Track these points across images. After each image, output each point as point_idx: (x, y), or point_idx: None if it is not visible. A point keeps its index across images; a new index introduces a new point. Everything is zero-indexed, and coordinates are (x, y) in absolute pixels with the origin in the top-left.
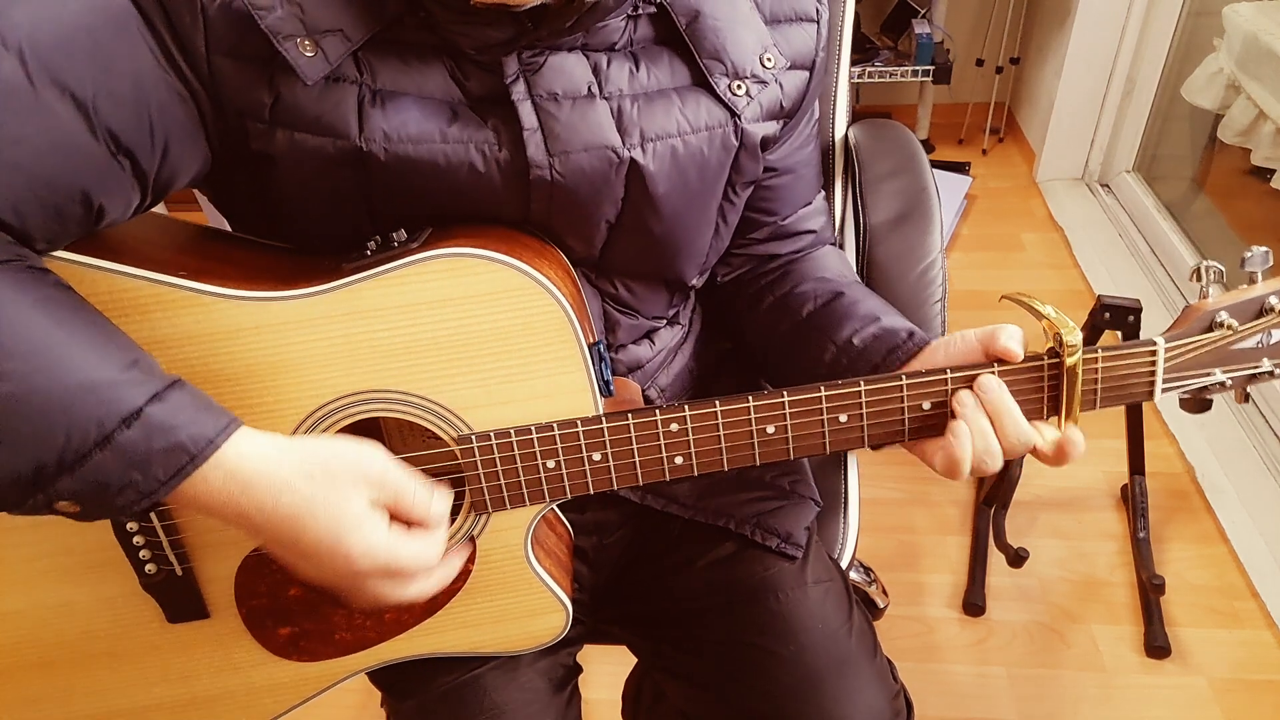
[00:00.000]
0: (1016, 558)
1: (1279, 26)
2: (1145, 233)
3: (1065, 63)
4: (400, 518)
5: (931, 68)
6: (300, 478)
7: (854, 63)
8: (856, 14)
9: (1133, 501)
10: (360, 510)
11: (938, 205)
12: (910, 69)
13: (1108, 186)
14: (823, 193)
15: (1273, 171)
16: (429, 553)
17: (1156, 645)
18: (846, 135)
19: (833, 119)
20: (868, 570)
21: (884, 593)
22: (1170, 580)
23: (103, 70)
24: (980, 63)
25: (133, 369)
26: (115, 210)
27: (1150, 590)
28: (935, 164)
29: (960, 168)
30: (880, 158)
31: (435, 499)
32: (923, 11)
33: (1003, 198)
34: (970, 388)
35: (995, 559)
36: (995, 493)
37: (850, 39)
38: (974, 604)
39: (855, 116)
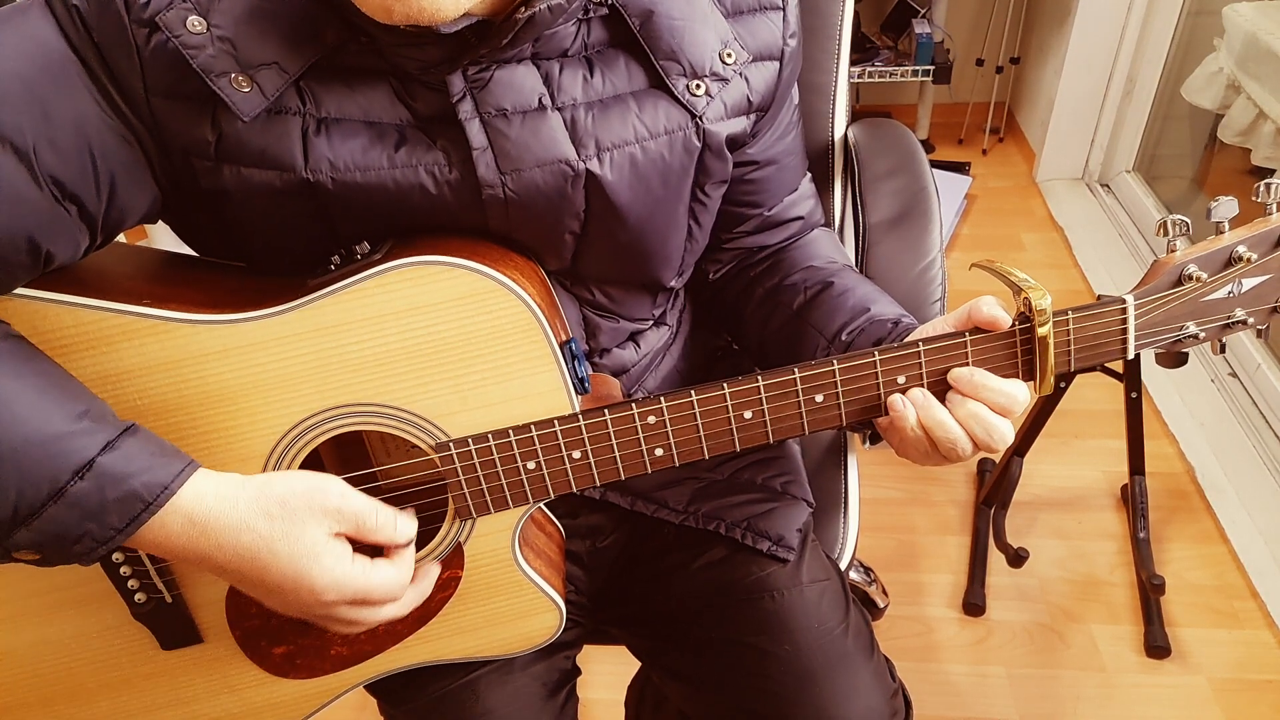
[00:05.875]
0: (1016, 558)
1: (1279, 26)
2: (1145, 233)
3: (1065, 63)
4: (365, 544)
5: (931, 67)
6: (258, 516)
7: (854, 62)
8: (856, 14)
9: (1133, 501)
10: (320, 543)
11: (937, 205)
12: (910, 69)
13: (1107, 186)
14: (808, 175)
15: (1273, 171)
16: (398, 577)
17: (1156, 645)
18: (846, 135)
19: (832, 118)
20: (868, 570)
21: (884, 592)
22: (1170, 580)
23: (42, 118)
24: (980, 62)
25: (83, 419)
26: (64, 254)
27: (1150, 590)
28: (935, 164)
29: (960, 167)
30: (879, 157)
31: (401, 520)
32: (923, 11)
33: (1002, 198)
34: (942, 377)
35: (995, 559)
36: (995, 493)
37: (850, 39)
38: (974, 604)
39: (855, 116)
